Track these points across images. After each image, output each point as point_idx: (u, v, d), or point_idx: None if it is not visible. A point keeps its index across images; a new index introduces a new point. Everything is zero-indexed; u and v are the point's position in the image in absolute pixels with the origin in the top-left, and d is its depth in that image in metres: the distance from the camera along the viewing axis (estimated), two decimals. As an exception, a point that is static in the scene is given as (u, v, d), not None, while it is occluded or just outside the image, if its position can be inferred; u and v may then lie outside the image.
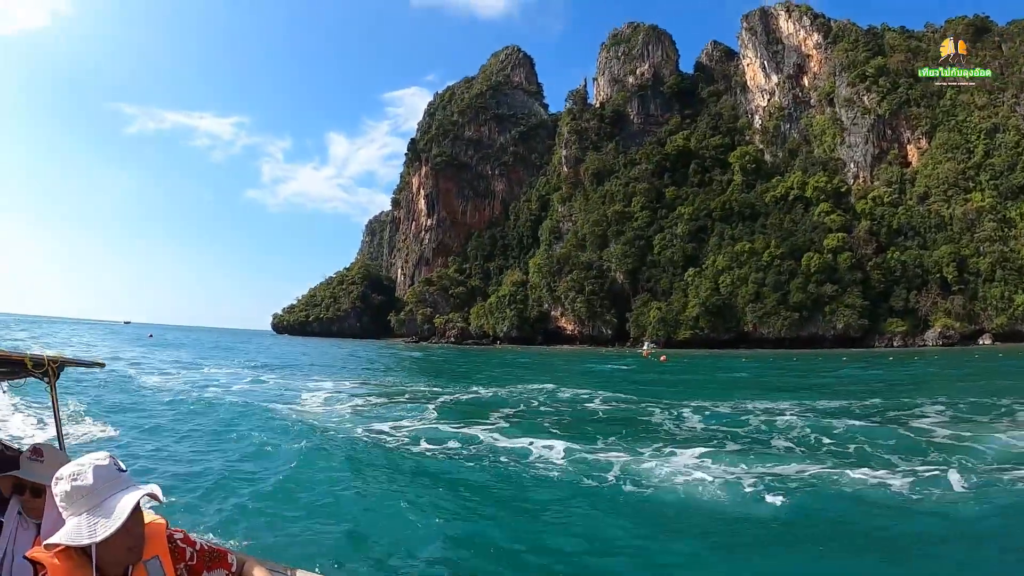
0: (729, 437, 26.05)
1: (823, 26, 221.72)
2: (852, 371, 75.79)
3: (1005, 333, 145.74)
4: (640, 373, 79.02)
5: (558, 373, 77.64)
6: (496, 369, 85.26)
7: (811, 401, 39.46)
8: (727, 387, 56.90)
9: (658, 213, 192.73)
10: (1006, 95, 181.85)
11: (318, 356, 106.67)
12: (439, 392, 45.35)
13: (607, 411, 36.10)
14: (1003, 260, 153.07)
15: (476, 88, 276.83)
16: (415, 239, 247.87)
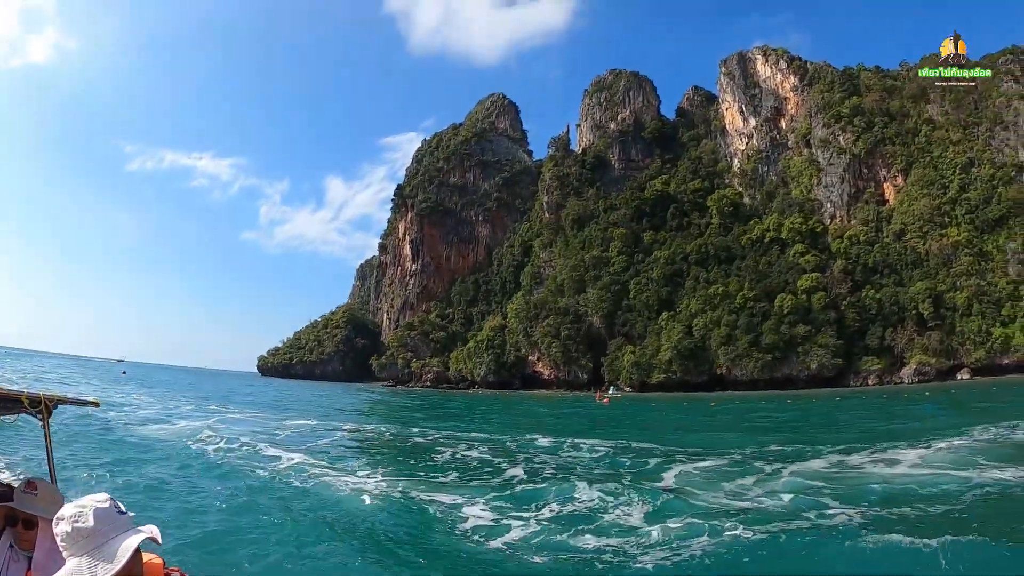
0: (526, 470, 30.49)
1: (799, 69, 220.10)
2: (770, 413, 77.83)
3: (984, 367, 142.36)
4: (559, 418, 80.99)
5: (491, 416, 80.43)
6: (439, 411, 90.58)
7: (640, 441, 42.67)
8: (612, 425, 61.61)
9: (635, 257, 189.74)
10: (980, 129, 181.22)
11: (286, 398, 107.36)
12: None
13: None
14: (980, 294, 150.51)
15: (462, 135, 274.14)
16: (400, 284, 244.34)
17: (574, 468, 32.26)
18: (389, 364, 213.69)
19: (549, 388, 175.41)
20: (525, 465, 33.02)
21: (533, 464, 33.67)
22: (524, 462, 34.14)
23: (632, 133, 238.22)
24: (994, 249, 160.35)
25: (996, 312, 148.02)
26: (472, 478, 29.68)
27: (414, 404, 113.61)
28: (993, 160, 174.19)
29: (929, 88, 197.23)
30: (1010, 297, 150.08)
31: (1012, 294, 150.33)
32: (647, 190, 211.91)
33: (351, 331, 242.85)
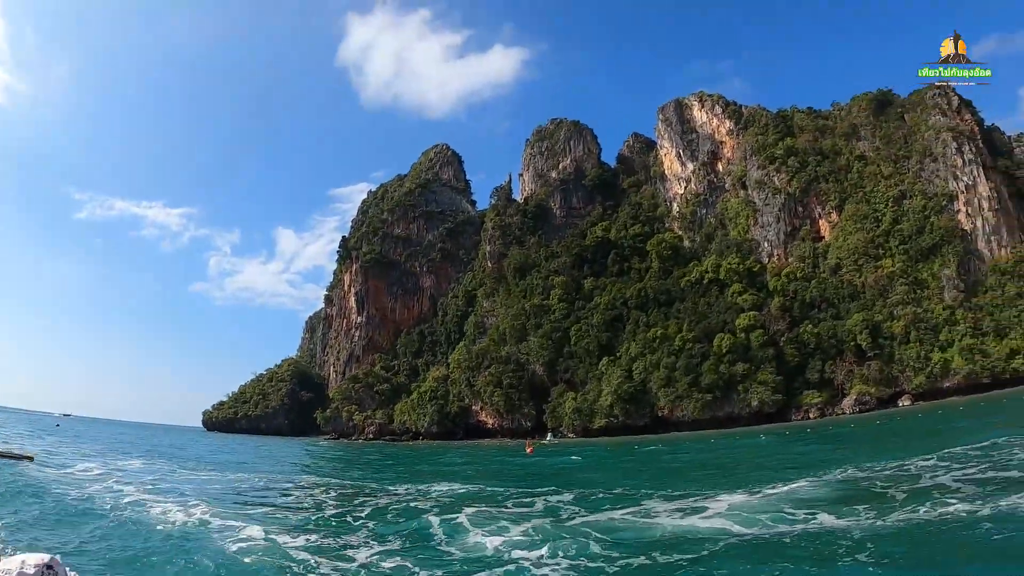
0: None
1: (735, 113, 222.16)
2: (683, 454, 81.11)
3: (925, 392, 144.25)
4: (464, 467, 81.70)
5: (398, 468, 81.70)
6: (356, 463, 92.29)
7: (501, 487, 45.74)
8: (503, 474, 64.71)
9: (575, 304, 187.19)
10: (911, 162, 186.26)
11: (222, 454, 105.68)
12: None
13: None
14: (917, 321, 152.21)
15: (407, 186, 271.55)
16: (346, 336, 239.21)
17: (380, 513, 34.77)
18: (334, 417, 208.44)
19: (493, 437, 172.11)
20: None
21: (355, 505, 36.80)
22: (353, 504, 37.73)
23: (573, 181, 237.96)
24: (929, 277, 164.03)
25: (934, 338, 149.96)
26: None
27: (338, 456, 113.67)
28: (924, 191, 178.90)
29: (859, 126, 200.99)
30: (947, 322, 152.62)
31: (948, 319, 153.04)
32: (588, 237, 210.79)
33: (296, 384, 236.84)
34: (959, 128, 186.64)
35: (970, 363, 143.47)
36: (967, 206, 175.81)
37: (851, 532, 23.55)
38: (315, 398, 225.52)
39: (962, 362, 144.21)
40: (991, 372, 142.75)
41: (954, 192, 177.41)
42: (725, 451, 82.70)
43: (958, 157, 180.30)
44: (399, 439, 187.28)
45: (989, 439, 46.01)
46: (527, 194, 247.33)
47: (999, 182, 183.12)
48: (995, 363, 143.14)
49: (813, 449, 71.84)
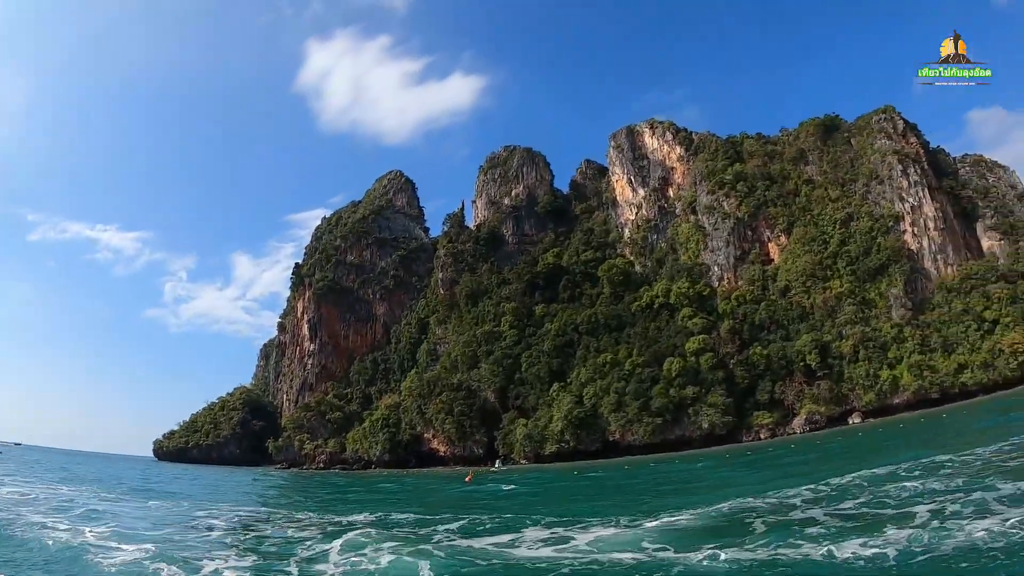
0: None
1: (685, 139, 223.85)
2: (619, 479, 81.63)
3: (875, 409, 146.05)
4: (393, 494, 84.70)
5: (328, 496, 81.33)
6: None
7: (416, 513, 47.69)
8: (434, 504, 64.13)
9: (526, 331, 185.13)
10: (857, 185, 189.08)
11: (155, 482, 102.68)
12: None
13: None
14: (865, 340, 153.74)
15: (360, 212, 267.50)
16: (299, 364, 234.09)
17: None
18: (286, 446, 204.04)
19: (446, 465, 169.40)
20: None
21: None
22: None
23: (526, 208, 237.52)
24: (876, 296, 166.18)
25: (883, 356, 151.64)
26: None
27: (277, 485, 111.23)
28: (871, 213, 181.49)
29: (807, 150, 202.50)
30: (895, 340, 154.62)
31: (897, 337, 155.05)
32: (539, 263, 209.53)
33: (248, 413, 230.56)
34: (904, 151, 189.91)
35: (919, 379, 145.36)
36: (913, 226, 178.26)
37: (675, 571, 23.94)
38: (268, 427, 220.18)
39: (911, 379, 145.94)
40: (940, 387, 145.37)
41: (900, 213, 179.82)
42: (652, 476, 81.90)
43: (904, 179, 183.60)
44: (350, 468, 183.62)
45: (897, 462, 45.96)
46: (480, 221, 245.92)
47: (944, 202, 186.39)
48: (943, 379, 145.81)
49: (735, 475, 71.18)
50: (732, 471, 76.60)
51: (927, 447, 58.60)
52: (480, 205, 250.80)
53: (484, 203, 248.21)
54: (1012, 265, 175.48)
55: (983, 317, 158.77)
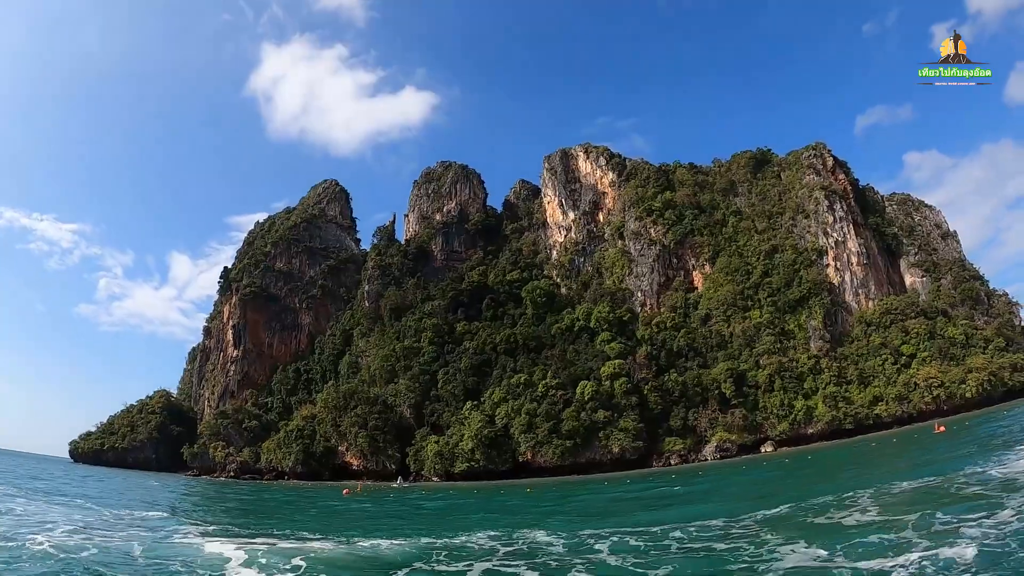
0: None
1: (618, 165, 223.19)
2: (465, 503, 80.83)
3: (788, 438, 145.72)
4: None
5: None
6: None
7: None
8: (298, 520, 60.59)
9: (445, 348, 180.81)
10: (784, 218, 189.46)
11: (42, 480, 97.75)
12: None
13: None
14: (782, 370, 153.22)
15: (292, 220, 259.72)
16: (222, 370, 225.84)
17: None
18: (201, 453, 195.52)
19: (359, 478, 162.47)
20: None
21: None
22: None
23: (456, 225, 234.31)
24: (796, 328, 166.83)
25: (798, 386, 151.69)
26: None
27: (170, 492, 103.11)
28: (795, 246, 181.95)
29: (738, 182, 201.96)
30: (812, 371, 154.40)
31: (813, 368, 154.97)
32: (465, 281, 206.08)
33: (167, 418, 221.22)
34: (832, 187, 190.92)
35: (833, 410, 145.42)
36: (836, 261, 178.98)
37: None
38: (187, 433, 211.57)
39: (825, 410, 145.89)
40: (854, 419, 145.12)
41: (824, 247, 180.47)
42: (502, 500, 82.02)
43: (829, 214, 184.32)
44: (261, 478, 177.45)
45: (714, 515, 41.33)
46: (410, 235, 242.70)
47: (869, 238, 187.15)
48: (858, 410, 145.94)
49: (575, 505, 69.30)
50: (575, 499, 73.12)
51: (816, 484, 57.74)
52: (412, 219, 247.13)
53: (416, 218, 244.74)
54: (932, 301, 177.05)
55: (900, 351, 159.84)
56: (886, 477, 48.85)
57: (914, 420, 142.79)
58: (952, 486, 36.10)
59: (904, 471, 52.70)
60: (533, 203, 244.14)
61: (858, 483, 46.04)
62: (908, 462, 69.00)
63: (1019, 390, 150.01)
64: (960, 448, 66.37)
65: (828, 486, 52.52)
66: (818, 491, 47.05)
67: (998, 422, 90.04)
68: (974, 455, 51.57)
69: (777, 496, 49.41)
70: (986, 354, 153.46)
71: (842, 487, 44.60)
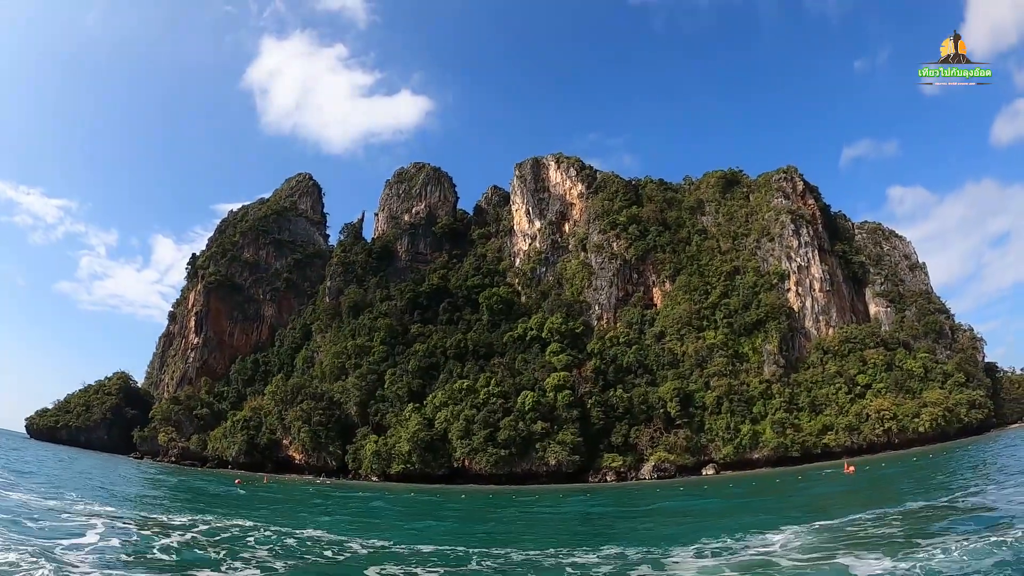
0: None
1: (588, 177, 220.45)
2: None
3: (732, 462, 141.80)
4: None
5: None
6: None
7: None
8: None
9: (396, 348, 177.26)
10: (749, 240, 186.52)
11: None
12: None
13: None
14: (731, 392, 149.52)
15: (263, 211, 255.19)
16: (182, 356, 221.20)
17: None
18: (150, 437, 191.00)
19: (301, 473, 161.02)
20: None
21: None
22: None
23: (424, 226, 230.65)
24: (750, 351, 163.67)
25: (746, 410, 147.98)
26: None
27: (85, 472, 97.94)
28: (758, 268, 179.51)
29: (706, 201, 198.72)
30: (762, 395, 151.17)
31: (764, 392, 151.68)
32: (425, 283, 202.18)
33: (122, 400, 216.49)
34: (799, 211, 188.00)
35: (780, 436, 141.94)
36: (798, 286, 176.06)
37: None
38: (140, 416, 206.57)
39: (772, 435, 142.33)
40: (801, 446, 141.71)
41: (786, 271, 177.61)
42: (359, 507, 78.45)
43: (795, 238, 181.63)
44: (201, 465, 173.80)
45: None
46: (378, 234, 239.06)
47: (834, 265, 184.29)
48: (806, 438, 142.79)
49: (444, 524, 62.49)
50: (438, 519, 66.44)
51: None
52: (381, 219, 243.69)
53: (385, 217, 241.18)
54: (895, 332, 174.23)
55: (856, 381, 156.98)
56: (731, 526, 44.02)
57: (864, 452, 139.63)
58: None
59: (743, 523, 46.71)
60: (503, 210, 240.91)
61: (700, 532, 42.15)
62: (777, 505, 66.20)
63: (976, 427, 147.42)
64: (847, 496, 65.88)
65: (681, 528, 50.65)
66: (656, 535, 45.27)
67: (918, 467, 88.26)
68: (849, 506, 48.64)
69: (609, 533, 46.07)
70: (944, 389, 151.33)
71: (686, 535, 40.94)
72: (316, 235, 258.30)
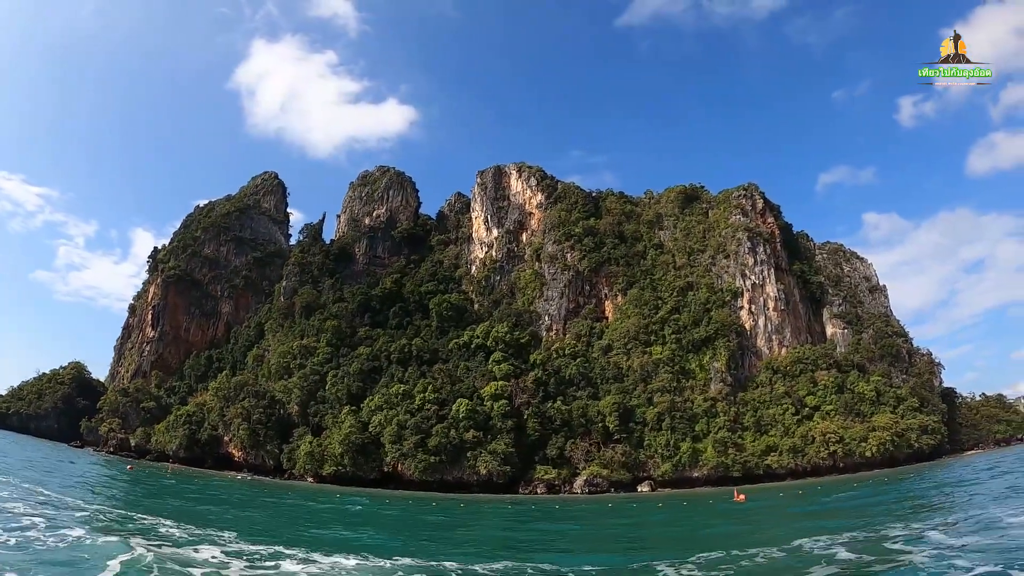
0: None
1: (549, 187, 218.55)
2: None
3: (669, 480, 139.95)
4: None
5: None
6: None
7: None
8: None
9: (340, 351, 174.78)
10: (704, 256, 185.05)
11: None
12: None
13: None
14: (674, 409, 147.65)
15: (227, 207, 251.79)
16: (138, 350, 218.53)
17: None
18: (97, 427, 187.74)
19: (240, 470, 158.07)
20: None
21: None
22: None
23: (383, 230, 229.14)
24: (697, 368, 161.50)
25: (688, 428, 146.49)
26: None
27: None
28: (711, 285, 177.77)
29: (664, 216, 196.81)
30: (706, 413, 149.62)
31: (708, 410, 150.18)
32: (378, 287, 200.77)
33: (75, 389, 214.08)
34: (758, 229, 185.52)
35: (722, 456, 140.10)
36: (751, 304, 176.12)
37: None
38: (91, 406, 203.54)
39: (713, 454, 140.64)
40: (743, 466, 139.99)
41: (740, 289, 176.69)
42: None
43: (750, 256, 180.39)
44: (139, 458, 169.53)
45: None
46: (338, 236, 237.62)
47: (791, 284, 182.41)
48: (748, 458, 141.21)
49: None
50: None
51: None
52: (343, 221, 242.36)
53: (347, 219, 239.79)
54: (850, 354, 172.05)
55: (805, 402, 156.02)
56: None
57: (808, 474, 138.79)
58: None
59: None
60: (464, 217, 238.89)
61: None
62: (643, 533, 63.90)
63: (928, 453, 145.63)
64: (663, 529, 64.49)
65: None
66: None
67: (818, 499, 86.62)
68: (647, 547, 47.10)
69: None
70: (895, 413, 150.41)
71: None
72: (278, 234, 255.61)
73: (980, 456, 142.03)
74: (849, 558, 32.22)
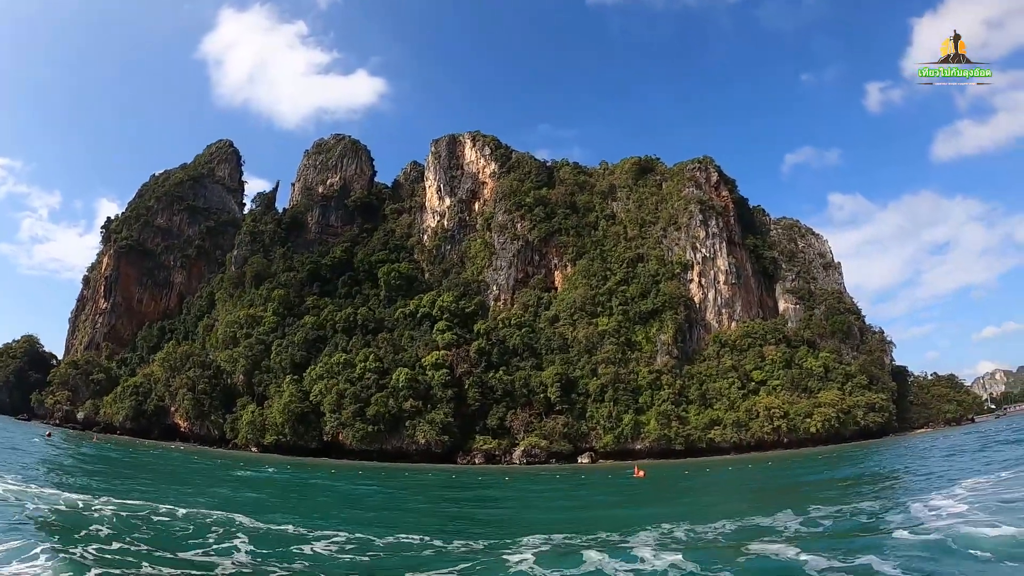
0: None
1: (503, 156, 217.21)
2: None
3: (611, 452, 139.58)
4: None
5: None
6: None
7: None
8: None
9: (287, 320, 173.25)
10: (655, 228, 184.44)
11: None
12: None
13: None
14: (617, 381, 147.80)
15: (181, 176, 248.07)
16: (91, 321, 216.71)
17: None
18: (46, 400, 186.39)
19: (187, 440, 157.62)
20: None
21: None
22: None
23: (337, 199, 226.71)
24: (644, 340, 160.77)
25: (632, 399, 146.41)
26: None
27: None
28: (662, 257, 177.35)
29: (618, 187, 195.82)
30: (651, 386, 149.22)
31: (653, 383, 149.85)
32: (328, 256, 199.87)
33: (27, 363, 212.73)
34: (711, 202, 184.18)
35: (665, 428, 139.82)
36: (701, 277, 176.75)
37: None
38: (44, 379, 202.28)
39: (656, 426, 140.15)
40: (686, 440, 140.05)
41: (690, 262, 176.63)
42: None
43: (702, 229, 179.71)
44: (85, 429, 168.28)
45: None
46: (291, 205, 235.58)
47: (744, 258, 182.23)
48: (691, 431, 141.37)
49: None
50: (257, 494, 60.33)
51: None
52: (296, 189, 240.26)
53: (300, 187, 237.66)
54: (800, 330, 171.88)
55: (751, 376, 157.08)
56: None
57: (752, 449, 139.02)
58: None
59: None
60: (418, 186, 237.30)
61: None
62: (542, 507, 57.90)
63: (876, 431, 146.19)
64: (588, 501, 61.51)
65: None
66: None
67: (741, 475, 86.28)
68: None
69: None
70: (842, 390, 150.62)
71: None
72: (232, 203, 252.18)
73: (926, 436, 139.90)
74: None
